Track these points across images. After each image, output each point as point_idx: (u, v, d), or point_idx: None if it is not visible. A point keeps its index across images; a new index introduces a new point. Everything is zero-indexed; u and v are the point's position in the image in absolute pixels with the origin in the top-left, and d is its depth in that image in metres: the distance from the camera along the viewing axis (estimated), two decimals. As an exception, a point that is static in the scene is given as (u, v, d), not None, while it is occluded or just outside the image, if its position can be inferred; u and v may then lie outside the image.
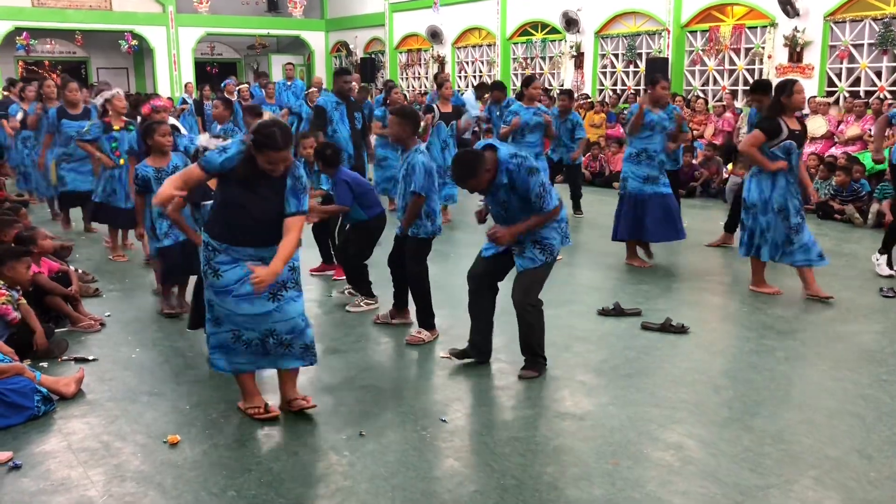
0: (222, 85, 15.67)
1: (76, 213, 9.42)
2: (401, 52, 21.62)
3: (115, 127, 7.56)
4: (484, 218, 4.90)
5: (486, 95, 11.81)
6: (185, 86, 16.25)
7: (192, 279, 5.56)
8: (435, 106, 9.60)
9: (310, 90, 13.46)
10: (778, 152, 6.03)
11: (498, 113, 10.80)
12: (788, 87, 6.02)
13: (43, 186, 10.00)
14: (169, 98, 15.40)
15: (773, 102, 6.16)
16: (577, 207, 10.31)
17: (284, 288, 3.90)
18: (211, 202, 4.58)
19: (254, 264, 3.78)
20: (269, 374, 4.40)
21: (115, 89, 7.77)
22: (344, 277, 6.40)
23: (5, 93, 14.11)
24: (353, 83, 10.44)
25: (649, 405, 4.21)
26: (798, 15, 12.87)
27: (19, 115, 10.37)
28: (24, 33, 20.25)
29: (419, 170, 5.12)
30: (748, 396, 4.31)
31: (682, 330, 5.37)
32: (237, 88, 14.14)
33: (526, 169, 4.31)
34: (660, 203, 7.16)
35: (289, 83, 15.02)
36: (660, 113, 7.17)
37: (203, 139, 4.86)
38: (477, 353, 4.83)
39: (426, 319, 5.34)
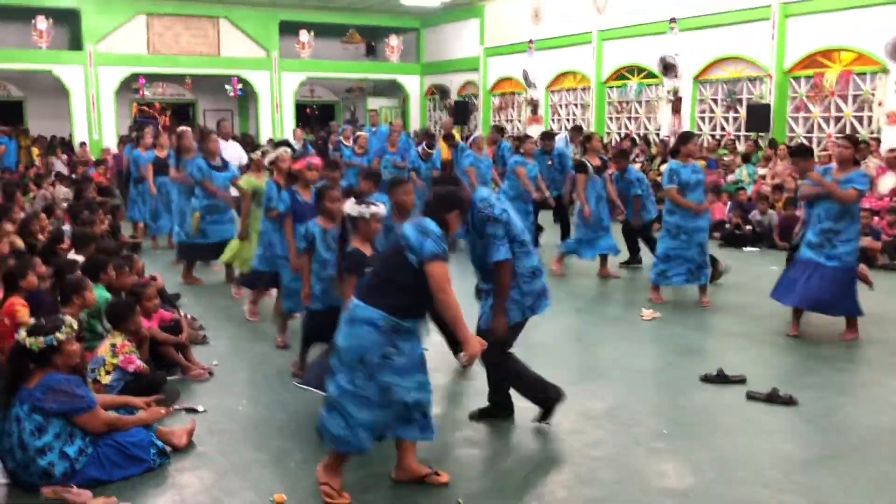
0: (340, 129, 15.74)
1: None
2: (494, 96, 21.86)
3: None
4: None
5: (580, 139, 11.77)
6: (294, 132, 16.64)
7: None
8: (587, 161, 9.25)
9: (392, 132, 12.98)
10: None
11: (549, 163, 10.86)
12: None
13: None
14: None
15: None
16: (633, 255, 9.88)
17: None
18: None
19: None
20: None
21: (280, 148, 7.33)
22: None
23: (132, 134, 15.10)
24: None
25: (758, 485, 4.05)
26: (911, 61, 12.38)
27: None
28: (140, 78, 21.52)
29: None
30: (866, 481, 4.09)
31: (790, 401, 5.15)
32: (354, 136, 13.38)
33: (485, 217, 4.33)
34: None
35: (373, 129, 15.33)
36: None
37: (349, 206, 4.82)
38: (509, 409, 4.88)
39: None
